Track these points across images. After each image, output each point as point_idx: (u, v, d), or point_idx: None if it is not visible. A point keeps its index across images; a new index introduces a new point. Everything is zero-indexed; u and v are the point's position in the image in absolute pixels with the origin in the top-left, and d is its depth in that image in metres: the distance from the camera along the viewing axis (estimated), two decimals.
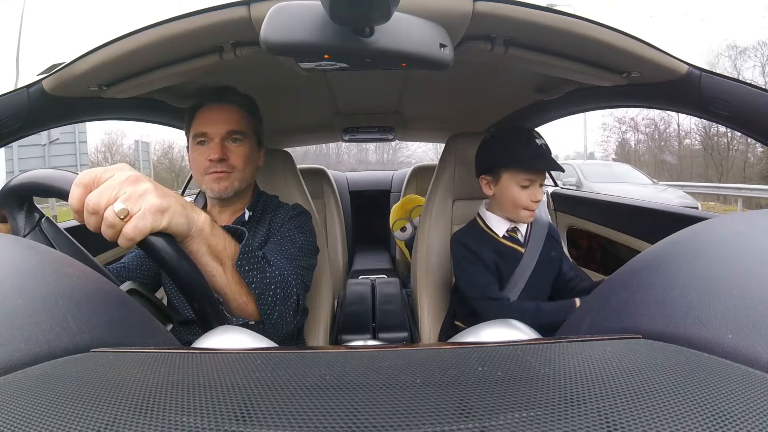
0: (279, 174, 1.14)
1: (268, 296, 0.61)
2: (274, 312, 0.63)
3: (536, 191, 0.88)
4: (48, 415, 0.17)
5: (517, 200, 0.88)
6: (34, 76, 0.70)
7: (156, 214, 0.42)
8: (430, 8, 0.54)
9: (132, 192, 0.41)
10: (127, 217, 0.40)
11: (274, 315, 0.63)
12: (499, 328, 0.39)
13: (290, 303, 0.67)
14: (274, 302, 0.62)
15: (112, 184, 0.41)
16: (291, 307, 0.67)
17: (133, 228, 0.40)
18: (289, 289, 0.67)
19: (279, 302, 0.64)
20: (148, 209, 0.41)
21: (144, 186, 0.42)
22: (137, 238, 0.41)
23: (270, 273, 0.62)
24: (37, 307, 0.26)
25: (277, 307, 0.63)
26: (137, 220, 0.40)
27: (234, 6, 0.55)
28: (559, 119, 1.33)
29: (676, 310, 0.26)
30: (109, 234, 0.41)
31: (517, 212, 0.90)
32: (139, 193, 0.41)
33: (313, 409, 0.17)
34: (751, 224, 0.31)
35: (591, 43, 0.62)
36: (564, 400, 0.18)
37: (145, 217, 0.41)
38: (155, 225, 0.42)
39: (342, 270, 1.86)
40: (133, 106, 0.98)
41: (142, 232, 0.41)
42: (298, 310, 0.70)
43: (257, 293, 0.59)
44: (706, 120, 0.76)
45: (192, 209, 0.48)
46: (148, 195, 0.42)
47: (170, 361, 0.24)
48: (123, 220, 0.40)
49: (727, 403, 0.17)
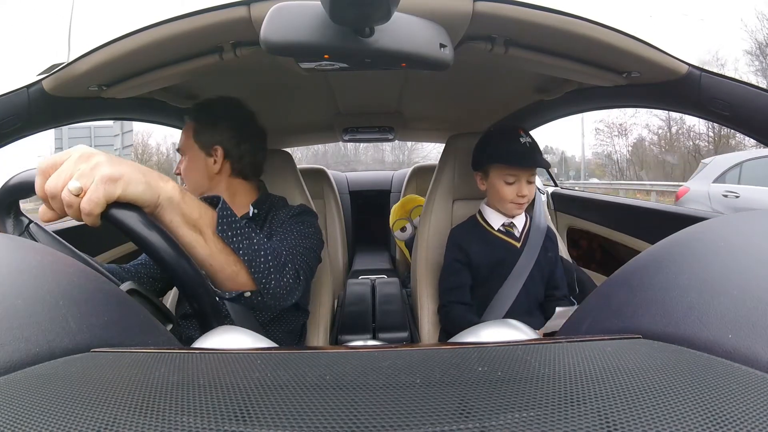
0: (279, 174, 1.14)
1: (260, 263, 0.59)
2: (270, 280, 0.61)
3: (522, 187, 0.92)
4: (48, 415, 0.17)
5: (503, 195, 0.94)
6: (35, 75, 0.70)
7: (108, 183, 0.41)
8: (430, 8, 0.54)
9: (85, 168, 0.41)
10: (82, 193, 0.40)
11: (270, 284, 0.61)
12: (499, 328, 0.39)
13: (287, 273, 0.65)
14: (267, 269, 0.60)
15: (68, 165, 0.41)
16: (289, 277, 0.66)
17: (87, 201, 0.40)
18: (282, 259, 0.65)
19: (274, 270, 0.62)
20: (99, 180, 0.41)
21: (96, 159, 0.42)
22: (95, 210, 0.40)
23: (258, 240, 0.60)
24: (37, 307, 0.26)
25: (273, 276, 0.61)
26: (90, 192, 0.40)
27: (234, 6, 0.55)
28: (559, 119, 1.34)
29: (676, 310, 0.26)
30: (71, 214, 0.41)
31: (505, 206, 0.96)
32: (91, 167, 0.41)
33: (313, 409, 0.17)
34: (751, 224, 0.30)
35: (591, 43, 0.62)
36: (564, 400, 0.18)
37: (98, 189, 0.40)
38: (109, 194, 0.41)
39: (342, 270, 1.86)
40: (133, 106, 0.98)
41: (96, 203, 0.40)
42: (299, 282, 0.69)
43: (247, 260, 0.57)
44: (706, 120, 0.76)
45: (158, 178, 0.47)
46: (100, 167, 0.41)
47: (170, 361, 0.24)
48: (79, 197, 0.40)
49: (727, 403, 0.17)
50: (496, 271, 0.95)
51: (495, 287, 0.95)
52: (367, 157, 7.34)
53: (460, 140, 1.14)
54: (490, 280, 0.96)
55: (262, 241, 0.61)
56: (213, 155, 0.87)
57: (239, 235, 0.57)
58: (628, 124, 17.80)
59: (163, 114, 1.10)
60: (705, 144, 14.58)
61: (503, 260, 0.95)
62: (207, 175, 0.88)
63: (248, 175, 0.92)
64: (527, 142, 0.91)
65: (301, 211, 0.90)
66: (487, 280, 0.96)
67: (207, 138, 0.87)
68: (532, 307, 0.97)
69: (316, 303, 1.08)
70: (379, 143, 3.69)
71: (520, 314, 0.92)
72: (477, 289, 0.98)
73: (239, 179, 0.91)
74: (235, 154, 0.88)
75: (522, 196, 0.92)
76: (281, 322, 0.90)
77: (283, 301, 0.65)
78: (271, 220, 0.88)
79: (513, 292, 0.93)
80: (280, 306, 0.65)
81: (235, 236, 0.56)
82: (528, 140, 0.91)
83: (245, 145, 0.89)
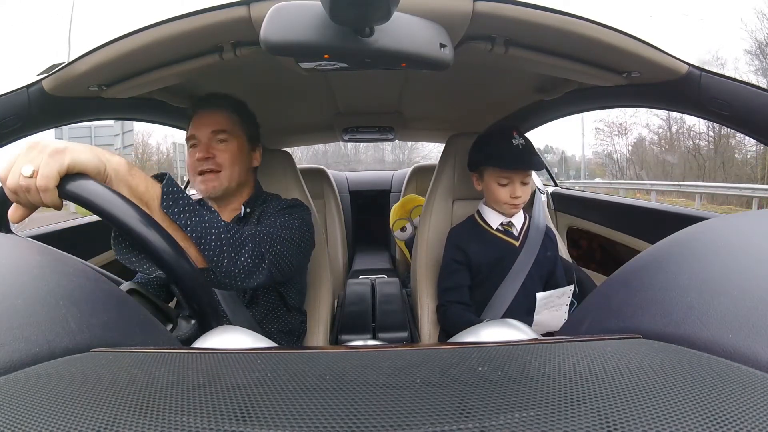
0: (279, 174, 1.14)
1: (210, 241, 0.58)
2: (222, 259, 0.60)
3: (515, 189, 0.92)
4: (48, 415, 0.17)
5: (497, 196, 0.94)
6: (34, 75, 0.70)
7: (55, 155, 0.43)
8: (430, 8, 0.54)
9: (34, 154, 0.43)
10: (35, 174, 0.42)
11: (222, 262, 0.60)
12: (499, 328, 0.39)
13: (245, 253, 0.64)
14: (219, 247, 0.59)
15: (19, 157, 0.43)
16: (247, 257, 0.64)
17: (41, 178, 0.42)
18: (241, 239, 0.64)
19: (228, 248, 0.61)
20: (47, 155, 0.42)
21: (42, 143, 0.44)
22: (50, 184, 0.42)
23: (210, 218, 0.60)
24: (37, 307, 0.26)
25: (225, 254, 0.60)
26: (41, 168, 0.42)
27: (234, 6, 0.55)
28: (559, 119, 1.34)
29: (676, 310, 0.26)
30: (32, 199, 0.43)
31: (500, 206, 0.96)
32: (38, 150, 0.43)
33: (313, 409, 0.17)
34: (751, 224, 0.30)
35: (591, 43, 0.62)
36: (564, 400, 0.18)
37: (48, 163, 0.42)
38: (60, 165, 0.42)
39: (342, 270, 1.86)
40: (133, 106, 0.98)
41: (49, 176, 0.42)
42: (262, 266, 0.68)
43: (195, 237, 0.56)
44: (706, 120, 0.76)
45: (104, 151, 0.49)
46: (46, 147, 0.43)
47: (170, 361, 0.24)
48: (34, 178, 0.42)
49: (727, 403, 0.17)
50: (495, 270, 0.95)
51: (494, 286, 0.95)
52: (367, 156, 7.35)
53: (460, 140, 1.14)
54: (489, 279, 0.96)
55: (214, 219, 0.60)
56: (257, 150, 0.93)
57: (187, 212, 0.56)
58: (628, 123, 17.82)
59: (163, 114, 1.10)
60: (705, 144, 14.58)
61: (502, 259, 0.95)
62: (247, 167, 0.91)
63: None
64: (520, 144, 0.90)
65: (291, 204, 0.90)
66: (486, 280, 0.96)
67: (253, 132, 0.93)
68: (532, 307, 0.97)
69: (316, 303, 1.08)
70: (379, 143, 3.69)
71: (520, 314, 0.92)
72: (476, 289, 0.98)
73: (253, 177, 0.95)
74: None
75: (516, 198, 0.92)
76: (273, 319, 0.90)
77: (240, 282, 0.64)
78: (261, 214, 0.88)
79: (512, 291, 0.93)
80: (239, 286, 0.65)
81: (182, 212, 0.55)
82: (521, 141, 0.91)
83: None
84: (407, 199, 1.85)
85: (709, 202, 9.49)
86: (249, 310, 0.86)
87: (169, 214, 0.54)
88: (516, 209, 0.96)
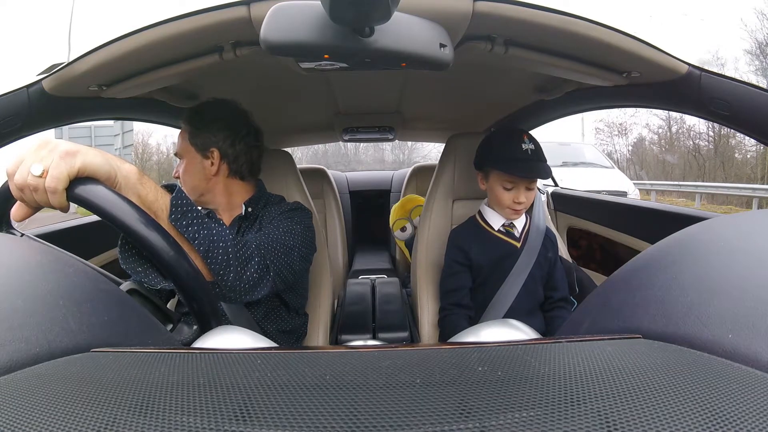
0: (279, 174, 1.14)
1: (218, 254, 0.58)
2: (228, 273, 0.60)
3: (519, 194, 0.91)
4: (48, 415, 0.17)
5: (500, 200, 0.93)
6: (34, 75, 0.70)
7: (67, 157, 0.42)
8: (430, 8, 0.53)
9: (44, 153, 0.43)
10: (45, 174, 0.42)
11: (228, 276, 0.60)
12: (499, 328, 0.39)
13: (251, 267, 0.64)
14: (225, 261, 0.59)
15: (29, 155, 0.43)
16: (253, 271, 0.65)
17: (50, 178, 0.41)
18: (248, 252, 0.65)
19: (234, 262, 0.61)
20: (58, 156, 0.42)
21: (53, 143, 0.44)
22: (59, 186, 0.41)
23: (219, 231, 0.60)
24: (37, 307, 0.26)
25: (232, 268, 0.60)
26: (52, 169, 0.41)
27: (234, 6, 0.55)
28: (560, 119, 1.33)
29: (676, 310, 0.26)
30: (39, 199, 0.42)
31: (502, 210, 0.96)
32: (49, 150, 0.43)
33: (313, 409, 0.17)
34: (751, 224, 0.30)
35: (591, 43, 0.62)
36: (564, 400, 0.18)
37: (59, 164, 0.42)
38: (70, 168, 0.42)
39: (342, 270, 1.86)
40: (133, 106, 0.98)
41: (59, 178, 0.41)
42: (267, 277, 0.68)
43: (203, 250, 0.56)
44: (706, 120, 0.76)
45: (115, 158, 0.48)
46: (57, 147, 0.43)
47: (170, 361, 0.24)
48: (43, 178, 0.42)
49: (727, 403, 0.17)
50: (496, 271, 0.95)
51: (495, 287, 0.95)
52: (367, 156, 7.36)
53: (460, 140, 1.14)
54: (490, 280, 0.96)
55: (222, 233, 0.60)
56: (210, 157, 0.88)
57: (195, 225, 0.56)
58: (628, 123, 17.79)
59: (163, 114, 1.10)
60: (705, 144, 14.58)
61: (503, 260, 0.95)
62: (204, 177, 0.88)
63: (245, 175, 0.92)
64: (529, 149, 0.88)
65: (293, 207, 0.89)
66: (488, 280, 0.96)
67: (202, 140, 0.88)
68: (532, 307, 0.97)
69: (316, 303, 1.08)
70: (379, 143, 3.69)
71: (521, 314, 0.92)
72: (477, 290, 0.98)
73: (236, 180, 0.91)
74: (231, 155, 0.89)
75: (519, 203, 0.91)
76: (273, 319, 0.90)
77: (245, 295, 0.64)
78: (263, 217, 0.88)
79: (513, 291, 0.93)
80: (243, 299, 0.65)
81: (190, 225, 0.55)
82: (531, 147, 0.89)
83: (240, 145, 0.90)
84: (407, 199, 1.85)
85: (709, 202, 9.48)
86: (249, 310, 0.86)
87: (177, 227, 0.54)
88: (517, 215, 0.96)
